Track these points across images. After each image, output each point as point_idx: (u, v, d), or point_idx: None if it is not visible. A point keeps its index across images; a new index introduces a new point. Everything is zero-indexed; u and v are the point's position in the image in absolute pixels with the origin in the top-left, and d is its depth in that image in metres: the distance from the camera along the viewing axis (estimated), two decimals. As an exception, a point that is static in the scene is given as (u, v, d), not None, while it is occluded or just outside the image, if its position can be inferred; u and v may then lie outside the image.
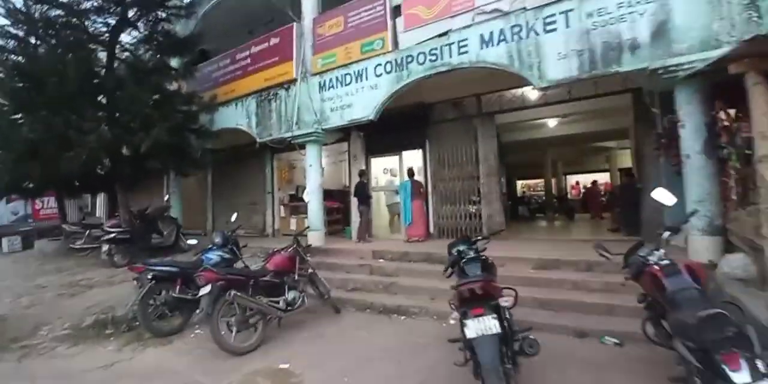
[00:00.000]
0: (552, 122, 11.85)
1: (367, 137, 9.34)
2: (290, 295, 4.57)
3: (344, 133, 9.18)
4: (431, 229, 8.48)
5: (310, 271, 5.13)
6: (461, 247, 3.85)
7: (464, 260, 3.61)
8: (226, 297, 3.92)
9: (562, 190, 19.40)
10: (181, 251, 8.24)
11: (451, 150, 8.40)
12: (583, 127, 12.43)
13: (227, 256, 5.30)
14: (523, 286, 4.16)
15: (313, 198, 7.97)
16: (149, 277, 4.68)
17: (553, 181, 17.92)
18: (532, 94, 7.93)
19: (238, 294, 4.00)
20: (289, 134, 8.11)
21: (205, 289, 3.93)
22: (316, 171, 8.04)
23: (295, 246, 5.04)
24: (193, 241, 6.76)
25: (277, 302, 4.44)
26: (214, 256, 5.17)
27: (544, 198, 19.30)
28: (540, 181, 21.56)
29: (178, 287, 4.76)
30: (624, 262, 3.50)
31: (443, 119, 8.57)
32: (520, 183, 21.94)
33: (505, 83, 7.57)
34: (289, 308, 4.51)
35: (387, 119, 7.83)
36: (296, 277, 4.76)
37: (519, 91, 7.89)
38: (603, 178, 18.78)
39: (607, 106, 9.86)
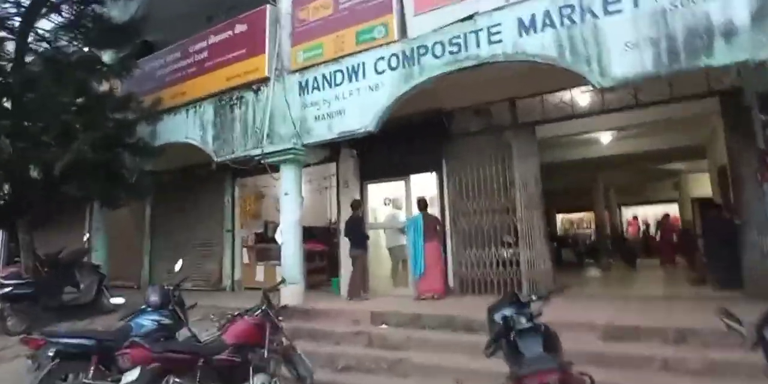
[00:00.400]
0: (606, 137, 11.72)
1: (363, 156, 9.10)
2: (257, 380, 4.09)
3: (332, 150, 8.94)
4: (450, 282, 8.06)
5: (285, 343, 4.66)
6: (508, 312, 3.46)
7: (516, 332, 3.22)
8: (162, 387, 3.46)
9: (617, 227, 19.08)
10: (104, 312, 7.73)
11: (477, 173, 8.13)
12: (647, 144, 12.30)
13: (167, 321, 4.85)
14: (591, 366, 3.72)
15: (289, 238, 7.59)
16: (50, 353, 4.19)
17: (606, 214, 17.65)
18: (582, 99, 7.79)
19: (180, 382, 3.54)
20: (257, 151, 7.84)
21: (131, 375, 3.46)
22: (293, 201, 7.71)
23: (264, 308, 4.60)
24: (119, 300, 6.23)
25: (237, 393, 3.97)
26: (147, 321, 4.71)
27: (593, 237, 18.98)
28: (587, 215, 21.35)
29: (92, 369, 4.25)
30: (757, 335, 3.11)
31: (467, 132, 8.37)
32: (560, 217, 21.69)
33: (547, 84, 7.48)
34: (252, 402, 4.02)
35: (391, 132, 7.63)
36: (266, 354, 4.29)
37: (566, 95, 7.74)
38: (670, 210, 18.58)
39: (681, 115, 9.81)
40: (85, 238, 9.43)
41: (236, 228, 10.64)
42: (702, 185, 17.76)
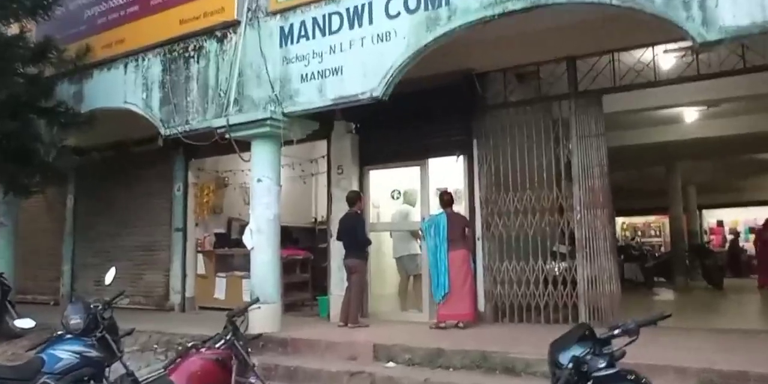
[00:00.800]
0: (691, 114, 11.39)
1: (364, 133, 8.76)
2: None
3: (322, 123, 8.61)
4: (480, 306, 7.76)
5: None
6: (579, 351, 3.13)
7: (594, 380, 2.91)
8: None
9: (697, 236, 18.74)
10: (8, 337, 7.42)
11: (520, 158, 7.81)
12: (746, 125, 11.93)
13: (93, 353, 4.47)
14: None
15: (261, 241, 7.28)
16: None
17: (683, 218, 17.31)
18: (666, 60, 7.45)
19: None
20: (221, 122, 7.48)
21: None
22: (269, 191, 7.38)
23: (230, 338, 4.28)
24: (26, 322, 5.75)
25: None
26: (66, 353, 4.33)
27: (664, 249, 18.66)
28: (656, 219, 21.04)
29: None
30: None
31: (507, 102, 8.03)
32: (619, 221, 21.36)
33: (619, 40, 7.14)
34: None
35: (403, 100, 7.30)
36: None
37: (646, 55, 7.39)
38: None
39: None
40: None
41: (189, 226, 10.30)
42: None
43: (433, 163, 8.48)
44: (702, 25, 5.21)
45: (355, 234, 7.85)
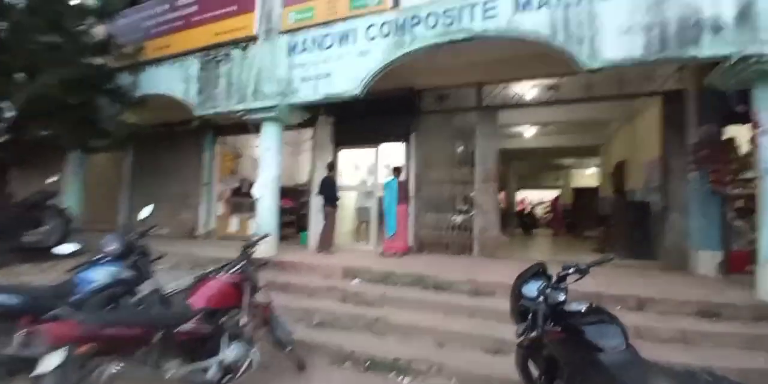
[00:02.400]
0: (530, 131, 10.78)
1: (339, 124, 7.46)
2: (230, 352, 2.58)
3: (310, 116, 7.25)
4: (410, 242, 6.77)
5: (263, 304, 3.14)
6: (542, 286, 2.14)
7: (575, 315, 1.93)
8: (96, 377, 1.87)
9: (513, 205, 18.65)
10: (68, 257, 5.75)
11: (441, 147, 6.80)
12: (560, 140, 11.54)
13: (125, 274, 3.13)
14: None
15: (267, 193, 5.93)
16: (-40, 311, 2.42)
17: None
18: (532, 91, 6.60)
19: (122, 368, 1.96)
20: (241, 107, 5.99)
21: (51, 361, 1.83)
22: (273, 158, 5.99)
23: (243, 264, 3.03)
24: (69, 247, 4.07)
25: (206, 370, 2.43)
26: (99, 274, 2.98)
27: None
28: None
29: (22, 336, 2.52)
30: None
31: (435, 109, 6.93)
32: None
33: (512, 72, 6.23)
34: (226, 377, 2.51)
35: (366, 104, 6.14)
36: (242, 321, 2.76)
37: (523, 86, 6.50)
38: (552, 195, 18.47)
39: (599, 117, 8.99)
40: (49, 180, 7.02)
41: (213, 182, 8.68)
42: (581, 178, 17.79)
43: (383, 146, 7.30)
44: (588, 57, 4.29)
45: (332, 190, 6.61)
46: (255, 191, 5.96)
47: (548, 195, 18.29)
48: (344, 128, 7.41)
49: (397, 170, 6.52)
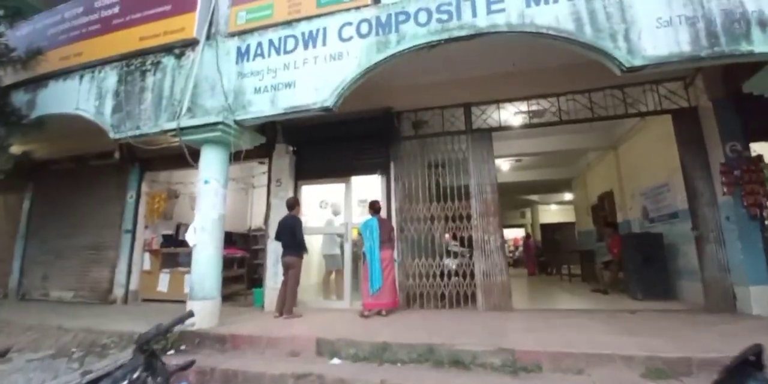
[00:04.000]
0: (506, 165, 10.08)
1: (300, 153, 6.13)
2: None
3: (265, 144, 5.91)
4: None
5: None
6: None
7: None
8: None
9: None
10: None
11: (429, 177, 5.66)
12: (533, 175, 10.96)
13: None
14: None
15: (205, 238, 4.32)
16: None
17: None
18: (516, 118, 5.79)
19: None
20: (172, 125, 4.49)
21: None
22: (215, 193, 4.47)
23: (140, 377, 1.48)
24: None
25: None
26: None
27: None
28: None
29: None
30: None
31: (417, 134, 5.85)
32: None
33: (503, 91, 5.42)
34: None
35: (334, 129, 5.08)
36: None
37: (510, 110, 5.68)
38: (519, 233, 17.85)
39: (578, 146, 8.42)
40: None
41: (138, 229, 6.79)
42: (548, 213, 17.42)
43: (356, 180, 6.01)
44: (628, 53, 3.42)
45: (294, 234, 5.10)
46: (189, 236, 4.35)
47: (512, 233, 17.62)
48: (307, 158, 6.09)
49: (375, 206, 5.19)
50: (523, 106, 5.56)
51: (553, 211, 16.58)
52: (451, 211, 5.41)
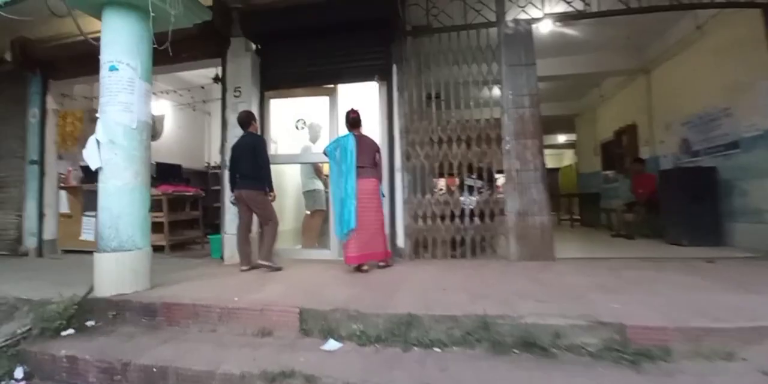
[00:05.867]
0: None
1: (266, 54, 4.38)
2: None
3: (216, 41, 4.10)
4: (399, 242, 4.01)
5: None
6: None
7: None
8: None
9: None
10: None
11: (445, 84, 4.11)
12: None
13: None
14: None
15: (118, 157, 2.71)
16: None
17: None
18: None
19: None
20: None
21: None
22: (130, 84, 2.76)
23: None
24: None
25: None
26: None
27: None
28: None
29: None
30: None
31: (431, 27, 4.17)
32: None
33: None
34: None
35: (312, 14, 3.66)
36: None
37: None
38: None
39: (605, 69, 6.97)
40: None
41: (48, 159, 5.00)
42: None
43: (344, 90, 4.38)
44: None
45: (256, 157, 3.55)
46: (89, 154, 2.72)
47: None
48: (276, 59, 4.35)
49: (351, 118, 3.56)
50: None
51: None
52: (475, 132, 3.97)
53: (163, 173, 5.12)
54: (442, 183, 5.39)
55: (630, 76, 7.06)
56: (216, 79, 5.25)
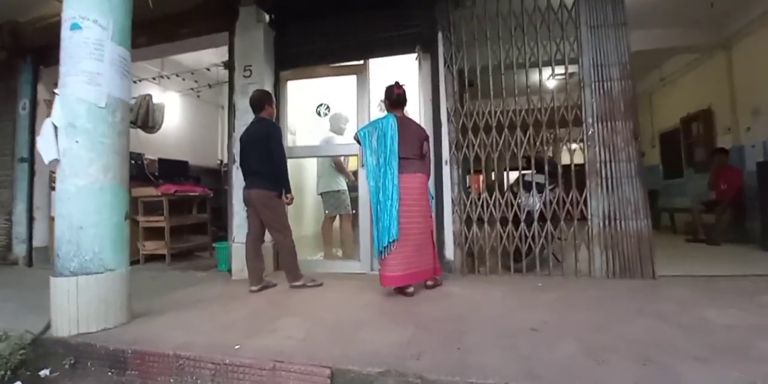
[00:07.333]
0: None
1: (283, 26, 3.62)
2: None
3: (223, 11, 3.37)
4: (448, 254, 3.17)
5: None
6: None
7: None
8: None
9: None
10: None
11: (502, 58, 3.24)
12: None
13: None
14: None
15: (81, 147, 1.97)
16: None
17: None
18: None
19: None
20: None
21: None
22: (97, 47, 2.02)
23: None
24: None
25: None
26: None
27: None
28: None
29: None
30: None
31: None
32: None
33: None
34: None
35: None
36: None
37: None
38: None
39: (675, 44, 5.94)
40: None
41: (38, 157, 4.33)
42: (565, 156, 15.07)
43: (376, 66, 3.58)
44: None
45: (268, 150, 2.76)
46: (43, 143, 2.00)
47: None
48: (294, 32, 3.58)
49: (392, 94, 2.66)
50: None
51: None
52: (545, 114, 3.10)
53: (165, 171, 4.45)
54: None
55: (702, 54, 6.01)
56: (225, 64, 4.53)
